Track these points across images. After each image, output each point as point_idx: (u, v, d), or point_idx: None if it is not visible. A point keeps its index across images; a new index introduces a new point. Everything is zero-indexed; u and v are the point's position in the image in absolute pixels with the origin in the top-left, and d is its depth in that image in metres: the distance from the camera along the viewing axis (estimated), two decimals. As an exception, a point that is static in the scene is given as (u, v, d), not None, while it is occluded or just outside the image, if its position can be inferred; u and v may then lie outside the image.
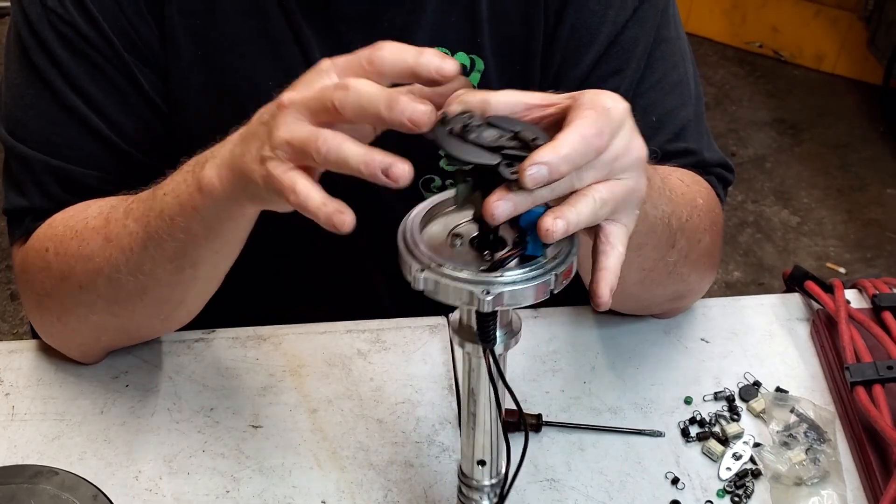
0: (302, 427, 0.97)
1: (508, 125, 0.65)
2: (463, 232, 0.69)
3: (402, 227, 0.70)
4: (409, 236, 0.68)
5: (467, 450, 0.78)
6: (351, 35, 0.98)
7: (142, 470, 0.93)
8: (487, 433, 0.76)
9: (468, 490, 0.80)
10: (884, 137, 3.08)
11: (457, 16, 0.98)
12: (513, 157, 0.63)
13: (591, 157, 0.66)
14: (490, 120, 0.66)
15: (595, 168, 0.67)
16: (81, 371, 1.01)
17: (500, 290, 0.64)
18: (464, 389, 0.75)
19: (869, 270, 2.64)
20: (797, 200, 2.86)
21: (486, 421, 0.75)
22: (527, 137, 0.64)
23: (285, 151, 0.68)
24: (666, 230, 0.88)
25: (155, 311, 0.93)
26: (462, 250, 0.68)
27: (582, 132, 0.65)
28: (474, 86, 1.00)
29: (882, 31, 2.98)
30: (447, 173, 1.05)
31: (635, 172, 0.70)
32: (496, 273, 0.64)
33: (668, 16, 1.01)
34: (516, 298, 0.65)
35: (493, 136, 0.64)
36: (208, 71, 0.98)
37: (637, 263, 0.90)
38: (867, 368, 0.97)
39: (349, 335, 1.06)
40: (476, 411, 0.75)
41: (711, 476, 0.95)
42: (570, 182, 0.66)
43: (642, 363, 1.04)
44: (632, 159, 0.70)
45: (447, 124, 0.65)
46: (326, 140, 0.66)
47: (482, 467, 0.78)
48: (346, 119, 0.67)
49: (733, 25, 3.38)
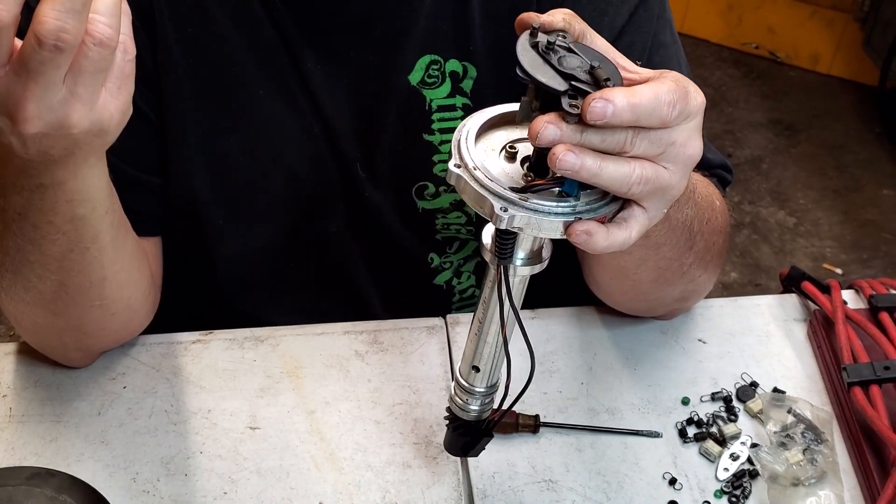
0: (300, 428, 0.97)
1: (591, 56, 0.64)
2: (520, 148, 0.69)
3: (464, 120, 0.70)
4: (464, 132, 0.68)
5: (468, 353, 0.79)
6: (342, 42, 0.98)
7: (139, 471, 0.93)
8: (487, 344, 0.77)
9: (460, 391, 0.81)
10: (880, 138, 3.08)
11: (449, 23, 0.98)
12: (579, 90, 0.63)
13: (654, 121, 0.65)
14: (576, 47, 0.65)
15: (651, 141, 0.66)
16: (79, 373, 1.01)
17: (519, 213, 0.64)
18: (479, 299, 0.76)
19: (865, 271, 2.64)
20: (793, 201, 2.87)
21: (488, 332, 0.76)
22: (601, 76, 0.63)
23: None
24: (686, 233, 0.88)
25: (84, 300, 0.90)
26: (509, 164, 0.68)
27: (657, 92, 0.65)
28: (468, 92, 1.01)
29: (877, 33, 2.99)
30: (441, 180, 1.05)
31: (682, 170, 0.70)
32: (523, 195, 0.64)
33: (664, 21, 1.01)
34: (531, 224, 0.65)
35: (571, 63, 0.63)
36: (200, 79, 0.98)
37: (653, 262, 0.90)
38: (864, 369, 0.97)
39: (347, 336, 1.06)
40: (483, 320, 0.76)
41: (709, 476, 0.95)
42: (622, 139, 0.65)
43: (640, 364, 1.05)
44: (686, 155, 0.69)
45: (535, 36, 0.64)
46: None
47: (476, 373, 0.79)
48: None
49: (729, 27, 3.39)
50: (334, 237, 1.08)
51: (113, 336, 1.00)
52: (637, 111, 0.63)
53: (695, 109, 0.68)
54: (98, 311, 0.92)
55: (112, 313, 0.93)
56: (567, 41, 0.65)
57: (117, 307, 0.94)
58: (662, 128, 0.66)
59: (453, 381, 0.83)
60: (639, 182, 0.66)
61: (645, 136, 0.66)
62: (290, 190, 1.04)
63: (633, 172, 0.66)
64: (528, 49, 0.64)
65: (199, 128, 0.99)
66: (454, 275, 1.14)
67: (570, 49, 0.64)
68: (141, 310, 0.99)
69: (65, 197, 0.77)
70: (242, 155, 1.02)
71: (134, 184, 0.98)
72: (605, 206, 0.67)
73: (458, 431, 0.84)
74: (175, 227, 1.05)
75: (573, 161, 0.63)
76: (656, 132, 0.66)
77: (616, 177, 0.65)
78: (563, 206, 0.65)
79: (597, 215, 0.66)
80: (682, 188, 0.71)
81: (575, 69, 0.63)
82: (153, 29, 0.95)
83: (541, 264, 0.71)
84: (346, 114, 1.01)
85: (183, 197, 1.02)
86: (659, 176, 0.68)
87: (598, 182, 0.65)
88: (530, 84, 0.64)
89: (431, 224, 1.08)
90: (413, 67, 0.99)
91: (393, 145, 1.03)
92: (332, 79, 0.99)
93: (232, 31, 0.97)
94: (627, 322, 1.08)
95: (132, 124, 0.98)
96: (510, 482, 0.93)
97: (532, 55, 0.63)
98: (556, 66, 0.63)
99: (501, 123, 0.71)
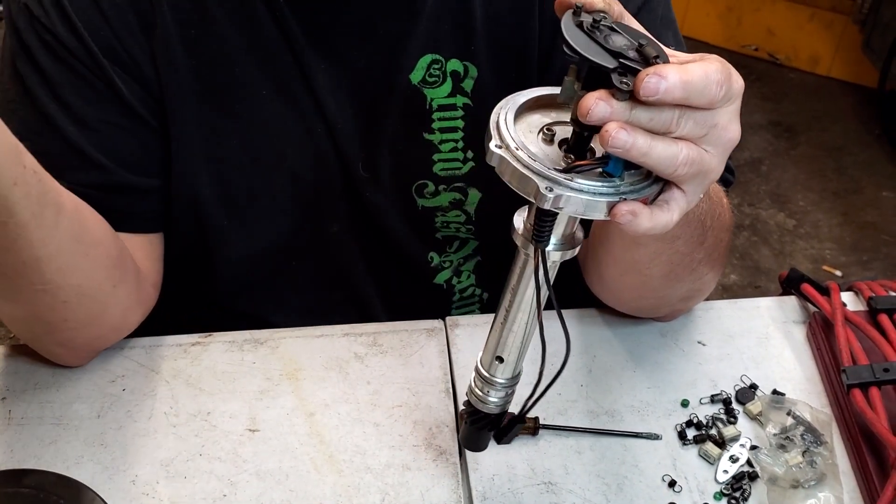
0: (299, 431, 0.97)
1: (634, 36, 0.64)
2: (557, 130, 0.69)
3: (501, 102, 0.69)
4: (502, 113, 0.68)
5: (491, 343, 0.79)
6: (345, 42, 0.98)
7: (138, 474, 0.93)
8: (513, 333, 0.76)
9: (481, 382, 0.81)
10: (879, 140, 3.08)
11: (450, 23, 0.98)
12: (629, 68, 0.62)
13: (703, 100, 0.65)
14: (618, 27, 0.64)
15: (696, 121, 0.66)
16: (78, 375, 1.01)
17: (563, 193, 0.64)
18: (506, 285, 0.75)
19: (865, 273, 2.64)
20: (793, 203, 2.87)
21: (516, 321, 0.76)
22: (649, 54, 0.63)
23: None
24: (700, 227, 0.88)
25: (24, 282, 0.88)
26: (547, 147, 0.68)
27: (707, 71, 0.65)
28: (469, 92, 1.01)
29: (877, 34, 2.99)
30: (441, 179, 1.05)
31: (722, 154, 0.70)
32: (567, 175, 0.64)
33: (668, 21, 1.02)
34: (575, 205, 0.64)
35: (618, 42, 0.63)
36: (202, 80, 0.98)
37: (667, 256, 0.90)
38: (863, 371, 0.97)
39: (346, 338, 1.06)
40: (510, 308, 0.75)
41: (708, 479, 0.95)
42: (669, 118, 0.65)
43: (639, 366, 1.05)
44: (727, 138, 0.69)
45: (579, 15, 0.64)
46: None
47: (499, 363, 0.79)
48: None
49: (729, 29, 3.39)
50: (335, 237, 1.09)
51: (85, 330, 0.97)
52: (689, 88, 0.63)
53: (737, 92, 0.69)
54: (45, 296, 0.89)
55: (63, 301, 0.91)
56: (608, 21, 0.65)
57: (67, 294, 0.90)
58: (708, 108, 0.66)
59: (473, 372, 0.82)
60: (685, 163, 0.67)
61: (691, 116, 0.66)
62: (292, 191, 1.04)
63: (680, 152, 0.66)
64: (573, 28, 0.63)
65: (202, 129, 1.00)
66: (454, 274, 1.14)
67: (613, 28, 0.64)
68: (113, 304, 0.97)
69: None
70: (244, 156, 1.02)
71: (122, 185, 0.98)
72: (648, 187, 0.67)
73: (476, 425, 0.83)
74: (177, 227, 1.05)
75: (625, 139, 0.63)
76: (702, 113, 0.66)
77: (665, 156, 0.65)
78: (609, 187, 0.65)
79: (640, 196, 0.66)
80: (719, 172, 0.71)
81: (622, 47, 0.63)
82: (154, 31, 0.95)
83: (572, 250, 0.71)
84: (349, 113, 1.01)
85: (185, 198, 1.02)
86: (702, 158, 0.68)
87: (647, 161, 0.65)
88: (577, 63, 0.64)
89: (431, 223, 1.08)
90: (414, 67, 0.99)
91: (393, 144, 1.03)
92: (334, 79, 0.99)
93: (233, 32, 0.97)
94: (627, 324, 1.08)
95: (127, 128, 0.98)
96: (510, 484, 0.93)
97: (578, 34, 0.63)
98: (603, 44, 0.63)
99: (537, 106, 0.70)
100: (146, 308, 1.03)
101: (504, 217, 0.72)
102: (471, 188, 1.06)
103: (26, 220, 0.82)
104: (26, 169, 0.81)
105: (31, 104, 0.95)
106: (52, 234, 0.85)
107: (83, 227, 0.91)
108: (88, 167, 0.96)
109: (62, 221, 0.86)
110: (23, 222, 0.82)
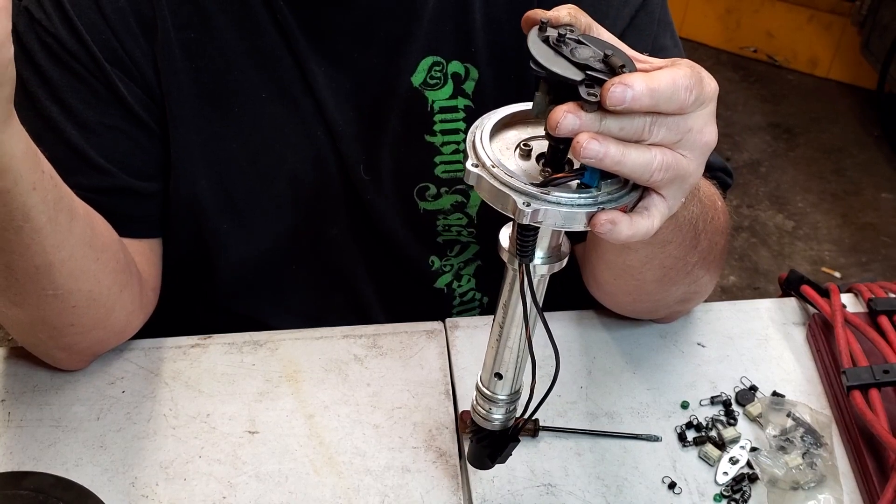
0: (298, 432, 0.97)
1: (601, 46, 0.65)
2: (533, 146, 0.69)
3: (476, 121, 0.70)
4: (478, 132, 0.68)
5: (488, 360, 0.79)
6: (345, 45, 0.98)
7: (138, 476, 0.93)
8: (509, 349, 0.77)
9: (483, 400, 0.81)
10: (878, 142, 3.09)
11: (450, 25, 0.98)
12: (595, 79, 0.63)
13: (672, 107, 0.65)
14: (585, 39, 0.65)
15: (668, 127, 0.66)
16: (77, 377, 1.01)
17: (541, 207, 0.64)
18: (498, 301, 0.76)
19: (864, 274, 2.64)
20: (792, 205, 2.87)
21: (510, 336, 0.76)
22: (615, 63, 0.63)
23: None
24: (692, 231, 0.88)
25: (35, 287, 0.88)
26: (524, 162, 0.68)
27: (675, 77, 0.65)
28: (470, 93, 1.01)
29: (876, 36, 2.99)
30: (442, 181, 1.05)
31: (699, 157, 0.70)
32: (544, 189, 0.64)
33: (665, 24, 1.02)
34: (554, 218, 0.65)
35: (584, 54, 0.64)
36: (202, 83, 0.98)
37: (659, 260, 0.90)
38: (863, 372, 0.97)
39: (346, 340, 1.06)
40: (504, 324, 0.76)
41: (708, 480, 0.95)
42: (640, 126, 0.65)
43: (639, 368, 1.05)
44: (703, 142, 0.69)
45: (544, 31, 0.65)
46: None
47: (498, 380, 0.79)
48: None
49: (728, 30, 3.39)
50: (335, 240, 1.08)
51: (90, 334, 0.97)
52: (656, 96, 0.64)
53: (709, 95, 0.69)
54: (55, 301, 0.89)
55: (72, 305, 0.91)
56: (575, 34, 0.65)
57: (77, 299, 0.91)
58: (679, 114, 0.66)
59: (475, 391, 0.81)
60: (660, 168, 0.67)
61: (663, 122, 0.66)
62: (292, 193, 1.04)
63: (654, 159, 0.66)
64: (539, 43, 0.64)
65: (202, 132, 0.99)
66: (454, 278, 1.14)
67: (580, 41, 0.65)
68: (118, 309, 0.97)
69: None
70: (245, 159, 1.02)
71: (123, 189, 0.98)
72: (626, 195, 0.68)
73: (482, 443, 0.83)
74: (177, 230, 1.04)
75: (597, 149, 0.63)
76: (673, 119, 0.66)
77: (639, 163, 0.66)
78: (586, 197, 0.65)
79: (619, 205, 0.66)
80: (699, 176, 0.71)
81: (588, 59, 0.63)
82: (155, 34, 0.95)
83: (559, 262, 0.71)
84: (350, 116, 1.01)
85: (185, 201, 1.02)
86: (678, 163, 0.68)
87: (621, 170, 0.65)
88: (545, 78, 0.64)
89: (432, 226, 1.08)
90: (415, 69, 0.99)
91: (395, 147, 1.03)
92: (335, 81, 0.99)
93: (234, 35, 0.97)
94: (627, 326, 1.08)
95: (128, 132, 0.98)
96: (509, 486, 0.93)
97: (544, 49, 0.64)
98: (570, 57, 0.63)
99: (513, 123, 0.71)
100: (147, 312, 1.03)
101: (505, 220, 0.72)
102: (472, 190, 1.06)
103: (42, 224, 0.82)
104: (44, 174, 0.81)
105: (32, 107, 0.95)
106: (65, 239, 0.86)
107: (94, 233, 0.91)
108: (90, 170, 0.96)
109: (75, 227, 0.87)
110: (38, 227, 0.82)
